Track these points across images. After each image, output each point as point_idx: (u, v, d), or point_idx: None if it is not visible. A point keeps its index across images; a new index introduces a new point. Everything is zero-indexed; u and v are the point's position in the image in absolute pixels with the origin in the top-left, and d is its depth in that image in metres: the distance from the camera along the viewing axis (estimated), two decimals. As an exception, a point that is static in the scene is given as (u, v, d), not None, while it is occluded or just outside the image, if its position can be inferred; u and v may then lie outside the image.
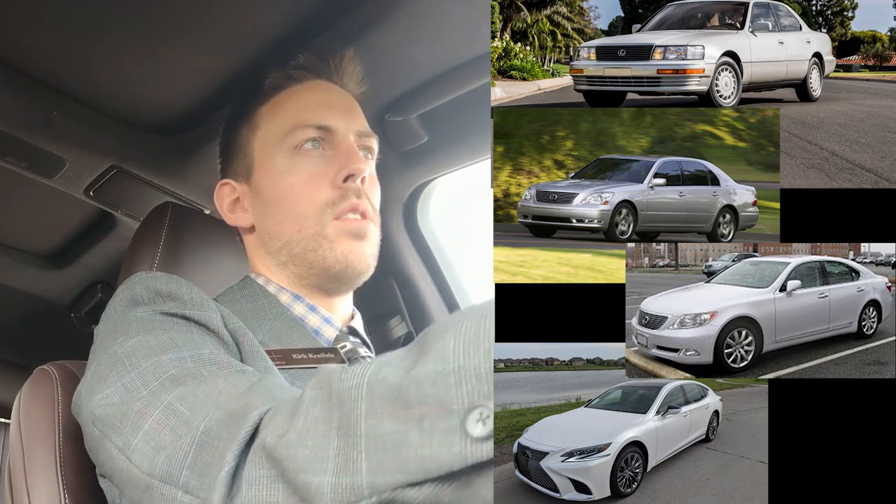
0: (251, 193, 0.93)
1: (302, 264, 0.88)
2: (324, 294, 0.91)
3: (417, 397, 0.45)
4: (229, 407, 0.58)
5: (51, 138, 1.21)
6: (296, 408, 0.53)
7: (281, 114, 0.92)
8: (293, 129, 0.90)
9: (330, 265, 0.87)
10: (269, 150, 0.91)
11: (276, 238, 0.89)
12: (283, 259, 0.89)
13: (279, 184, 0.89)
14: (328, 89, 0.95)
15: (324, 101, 0.93)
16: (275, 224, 0.89)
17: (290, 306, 0.89)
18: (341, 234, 0.87)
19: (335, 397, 0.50)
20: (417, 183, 1.45)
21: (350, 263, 0.87)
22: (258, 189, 0.92)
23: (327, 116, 0.91)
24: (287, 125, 0.90)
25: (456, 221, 1.54)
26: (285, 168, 0.89)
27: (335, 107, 0.93)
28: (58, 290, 1.81)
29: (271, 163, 0.90)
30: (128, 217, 1.46)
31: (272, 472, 0.51)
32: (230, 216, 0.94)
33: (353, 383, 0.49)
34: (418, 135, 1.31)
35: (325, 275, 0.88)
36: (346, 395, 0.49)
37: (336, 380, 0.51)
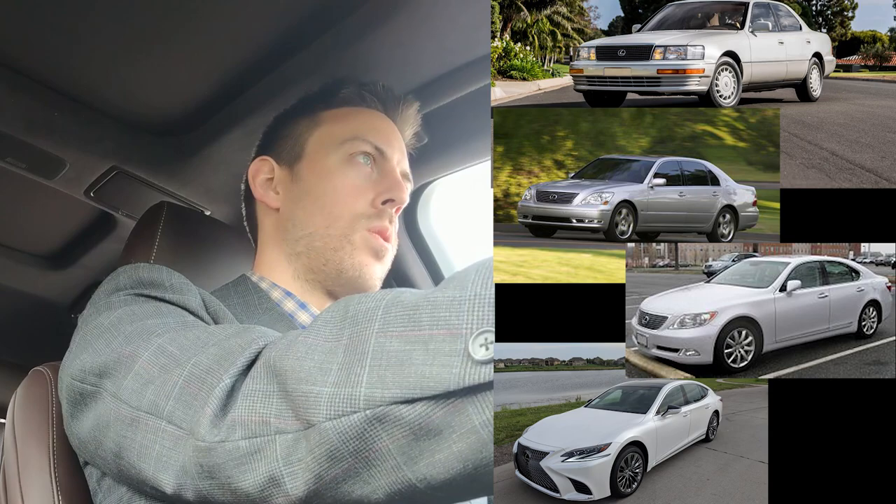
0: (289, 179, 0.96)
1: (317, 259, 0.91)
2: (322, 294, 0.93)
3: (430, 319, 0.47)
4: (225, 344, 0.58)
5: (51, 139, 1.21)
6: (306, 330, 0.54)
7: (345, 122, 0.97)
8: (353, 137, 0.95)
9: (345, 268, 0.91)
10: (323, 148, 0.96)
11: (301, 226, 0.92)
12: (298, 249, 0.92)
13: (324, 181, 0.93)
14: (390, 123, 1.02)
15: (385, 129, 1.00)
16: (305, 214, 0.93)
17: (280, 302, 0.91)
18: (365, 246, 0.91)
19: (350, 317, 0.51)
20: (418, 184, 1.45)
21: (362, 275, 0.92)
22: (299, 178, 0.95)
23: (384, 141, 0.98)
24: (348, 133, 0.96)
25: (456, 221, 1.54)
26: (335, 169, 0.94)
27: (392, 139, 1.00)
28: (58, 291, 1.81)
29: (322, 160, 0.95)
30: (128, 218, 1.46)
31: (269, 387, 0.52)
32: (260, 190, 0.97)
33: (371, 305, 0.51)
34: (419, 136, 1.31)
35: (336, 276, 0.91)
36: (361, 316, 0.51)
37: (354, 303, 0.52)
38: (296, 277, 0.93)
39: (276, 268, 0.94)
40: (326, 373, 0.49)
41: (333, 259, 0.90)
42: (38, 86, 1.08)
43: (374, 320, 0.49)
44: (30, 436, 0.80)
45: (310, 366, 0.50)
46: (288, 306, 0.90)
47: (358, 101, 1.00)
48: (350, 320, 0.51)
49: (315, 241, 0.91)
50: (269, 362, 0.53)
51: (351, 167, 0.94)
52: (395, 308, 0.49)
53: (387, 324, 0.49)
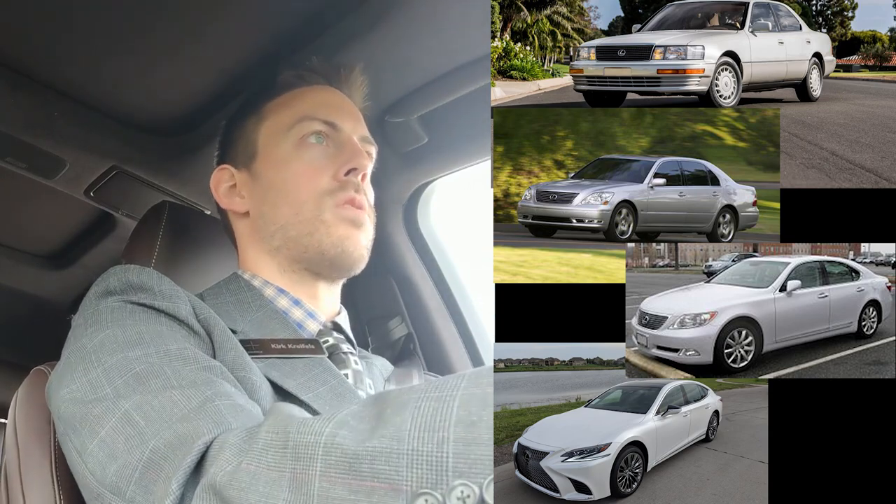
0: (250, 180, 0.95)
1: (296, 248, 0.90)
2: (312, 280, 0.92)
3: (370, 471, 0.45)
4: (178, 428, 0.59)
5: (51, 139, 1.21)
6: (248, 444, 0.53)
7: (289, 107, 0.95)
8: (300, 120, 0.93)
9: (325, 248, 0.89)
10: (273, 139, 0.94)
11: (272, 222, 0.91)
12: (276, 244, 0.91)
13: (281, 171, 0.92)
14: (337, 94, 0.99)
15: (332, 101, 0.97)
16: (272, 208, 0.91)
17: (273, 299, 0.90)
18: (339, 220, 0.89)
19: (291, 448, 0.50)
20: (418, 184, 1.44)
21: (346, 249, 0.90)
22: (258, 176, 0.94)
23: (334, 114, 0.95)
24: (294, 117, 0.94)
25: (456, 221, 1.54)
26: (289, 156, 0.92)
27: (342, 109, 0.97)
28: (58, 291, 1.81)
29: (275, 151, 0.93)
30: (128, 218, 1.46)
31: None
32: (225, 200, 0.97)
33: (310, 440, 0.49)
34: (419, 136, 1.31)
35: (320, 259, 0.90)
36: (301, 451, 0.49)
37: (294, 431, 0.51)
38: (282, 272, 0.92)
39: (260, 266, 0.93)
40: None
41: (311, 243, 0.89)
42: (38, 86, 1.08)
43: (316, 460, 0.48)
44: (31, 435, 0.80)
45: (255, 499, 0.49)
46: (282, 303, 0.90)
47: (298, 83, 0.98)
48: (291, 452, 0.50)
49: (289, 232, 0.90)
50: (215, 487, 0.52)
51: (304, 150, 0.92)
52: (334, 452, 0.47)
53: (328, 466, 0.47)
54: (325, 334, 0.90)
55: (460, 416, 0.44)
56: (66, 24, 0.96)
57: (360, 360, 0.91)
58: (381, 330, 1.46)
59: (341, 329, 0.93)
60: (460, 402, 0.45)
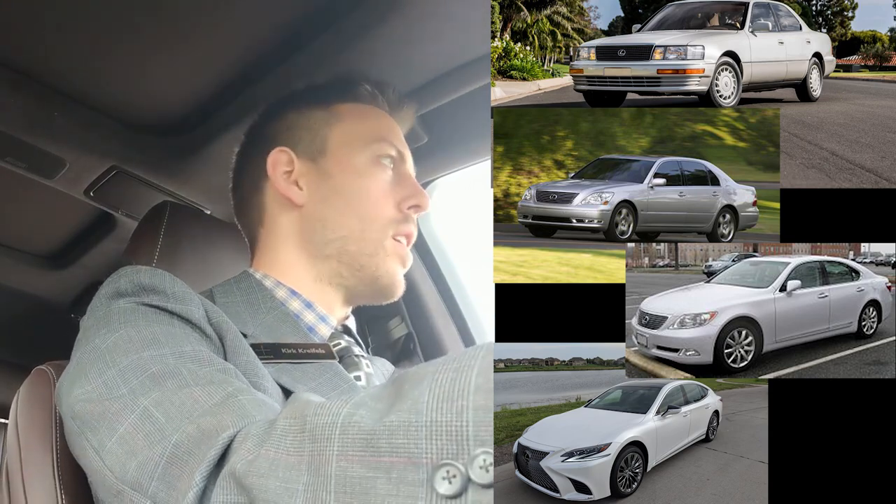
0: (315, 174, 0.92)
1: (352, 263, 0.89)
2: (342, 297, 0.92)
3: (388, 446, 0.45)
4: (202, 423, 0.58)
5: (51, 139, 1.21)
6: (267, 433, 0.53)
7: (366, 121, 0.95)
8: (379, 139, 0.93)
9: (381, 275, 0.90)
10: (350, 145, 0.92)
11: (333, 228, 0.89)
12: (328, 251, 0.89)
13: (356, 181, 0.91)
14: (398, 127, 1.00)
15: (399, 132, 0.99)
16: (338, 215, 0.89)
17: (285, 302, 0.88)
18: (395, 253, 0.90)
19: (308, 431, 0.49)
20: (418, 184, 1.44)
21: (393, 283, 0.91)
22: (327, 174, 0.91)
23: (402, 145, 0.97)
24: (373, 133, 0.94)
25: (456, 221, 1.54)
26: (366, 170, 0.91)
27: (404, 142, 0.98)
28: (58, 291, 1.81)
29: (352, 158, 0.92)
30: (128, 218, 1.46)
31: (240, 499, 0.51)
32: (283, 184, 0.92)
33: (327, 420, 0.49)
34: (418, 135, 1.31)
35: (371, 281, 0.90)
36: (318, 432, 0.49)
37: (311, 413, 0.50)
38: (318, 279, 0.89)
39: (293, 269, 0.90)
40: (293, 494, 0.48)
41: (369, 265, 0.88)
42: (38, 86, 1.08)
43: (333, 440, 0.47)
44: (33, 435, 0.79)
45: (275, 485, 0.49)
46: (294, 306, 0.88)
47: (370, 100, 0.97)
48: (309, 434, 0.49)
49: (349, 245, 0.88)
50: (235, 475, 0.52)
51: (379, 169, 0.91)
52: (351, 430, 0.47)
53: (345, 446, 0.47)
54: (336, 337, 0.89)
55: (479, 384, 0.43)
56: (66, 25, 0.96)
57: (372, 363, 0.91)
58: (381, 330, 1.46)
59: (351, 332, 0.93)
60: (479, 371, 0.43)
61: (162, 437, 0.58)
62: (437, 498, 0.42)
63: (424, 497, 0.42)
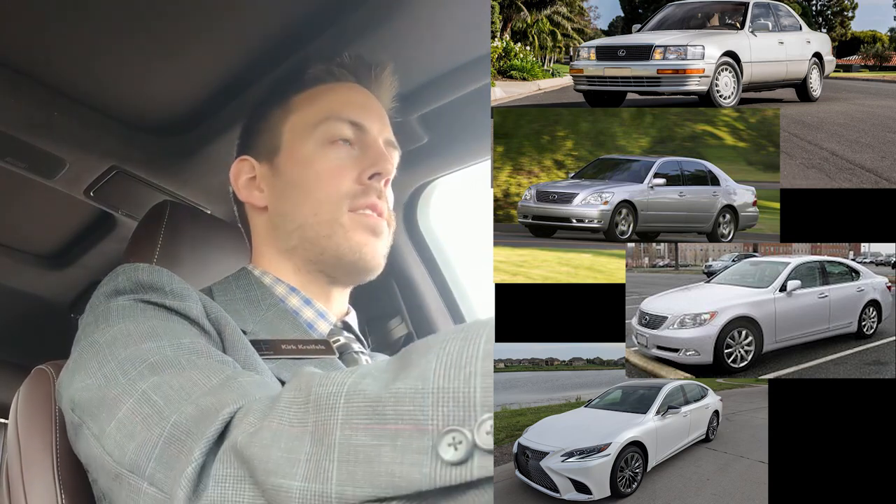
0: (271, 174, 0.93)
1: (313, 249, 0.89)
2: (327, 284, 0.91)
3: (394, 413, 0.44)
4: (201, 402, 0.58)
5: (51, 139, 1.21)
6: (271, 407, 0.52)
7: (317, 104, 0.94)
8: (327, 119, 0.91)
9: (343, 253, 0.88)
10: (299, 135, 0.92)
11: (291, 220, 0.90)
12: (292, 243, 0.90)
13: (305, 169, 0.90)
14: (365, 93, 0.98)
15: (360, 101, 0.96)
16: (292, 206, 0.90)
17: (284, 298, 0.89)
18: (357, 226, 0.88)
19: (313, 401, 0.49)
20: (418, 184, 1.45)
21: (364, 256, 0.89)
22: (280, 171, 0.92)
23: (362, 116, 0.93)
24: (322, 115, 0.92)
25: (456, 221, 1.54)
26: (313, 155, 0.90)
27: (370, 110, 0.95)
28: (58, 291, 1.81)
29: (300, 148, 0.91)
30: (128, 218, 1.46)
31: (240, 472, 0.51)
32: (244, 192, 0.94)
33: (332, 390, 0.48)
34: (418, 135, 1.31)
35: (337, 263, 0.89)
36: (323, 402, 0.48)
37: (316, 384, 0.50)
38: (297, 271, 0.90)
39: (275, 264, 0.91)
40: (295, 464, 0.47)
41: (329, 246, 0.87)
42: (38, 86, 1.08)
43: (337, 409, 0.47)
44: (33, 434, 0.79)
45: (277, 455, 0.48)
46: (293, 302, 0.88)
47: (328, 78, 0.96)
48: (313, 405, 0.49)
49: (307, 232, 0.88)
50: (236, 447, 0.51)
51: (330, 149, 0.90)
52: (356, 398, 0.47)
53: (350, 414, 0.46)
54: (335, 334, 0.89)
55: (487, 351, 0.43)
56: (65, 24, 0.96)
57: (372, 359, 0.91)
58: (381, 330, 1.46)
59: (351, 329, 0.93)
60: (487, 338, 0.44)
61: (160, 419, 0.58)
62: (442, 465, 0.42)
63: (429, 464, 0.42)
